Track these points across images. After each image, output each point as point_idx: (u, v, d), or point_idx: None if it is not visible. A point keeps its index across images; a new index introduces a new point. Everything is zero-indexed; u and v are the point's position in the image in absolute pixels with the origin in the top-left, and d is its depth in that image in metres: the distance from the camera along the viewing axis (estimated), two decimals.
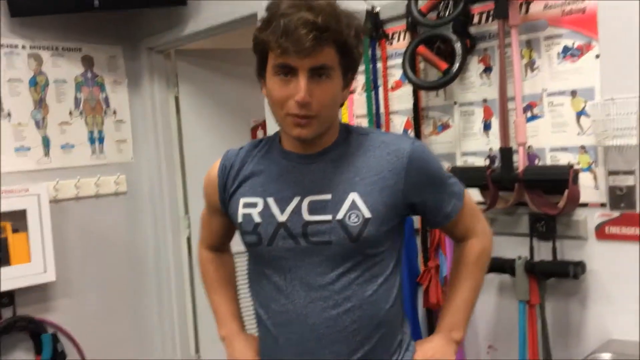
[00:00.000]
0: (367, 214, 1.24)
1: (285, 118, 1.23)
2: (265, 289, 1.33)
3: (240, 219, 1.33)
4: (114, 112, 3.24)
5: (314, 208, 1.26)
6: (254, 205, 1.31)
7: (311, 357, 1.27)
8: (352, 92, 2.30)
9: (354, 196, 1.25)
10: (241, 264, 1.53)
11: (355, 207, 1.24)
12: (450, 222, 1.37)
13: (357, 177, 1.26)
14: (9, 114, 2.86)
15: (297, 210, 1.27)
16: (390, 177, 1.26)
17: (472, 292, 1.40)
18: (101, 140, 3.18)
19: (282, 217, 1.27)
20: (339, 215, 1.24)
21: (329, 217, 1.25)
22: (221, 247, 1.56)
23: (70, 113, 3.07)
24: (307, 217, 1.26)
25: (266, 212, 1.29)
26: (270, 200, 1.29)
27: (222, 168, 1.39)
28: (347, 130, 1.34)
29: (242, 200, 1.33)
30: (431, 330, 2.18)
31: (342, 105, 1.33)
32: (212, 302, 1.55)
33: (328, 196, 1.26)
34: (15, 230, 2.77)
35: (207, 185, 1.44)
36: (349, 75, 1.27)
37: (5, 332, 2.76)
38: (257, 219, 1.29)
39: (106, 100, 3.21)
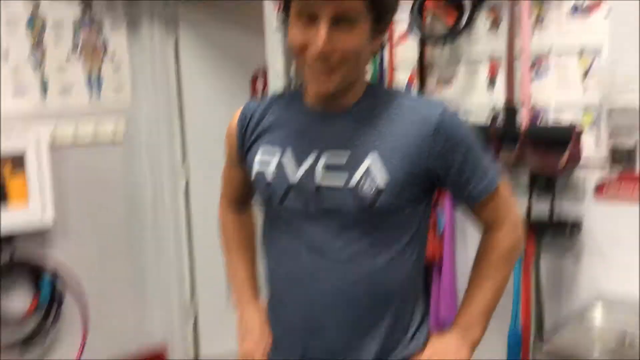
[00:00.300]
0: (382, 182, 1.15)
1: (306, 69, 1.15)
2: (274, 248, 1.30)
3: (254, 175, 1.29)
4: (113, 56, 3.19)
5: (327, 171, 1.20)
6: (267, 162, 1.26)
7: (315, 323, 1.24)
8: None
9: (370, 162, 1.16)
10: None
11: (370, 174, 1.16)
12: (477, 204, 1.24)
13: (378, 141, 1.17)
14: (6, 56, 2.82)
15: (311, 171, 1.21)
16: (414, 144, 1.16)
17: (496, 291, 1.26)
18: (99, 84, 3.14)
19: (294, 178, 1.22)
20: (352, 182, 1.16)
21: (341, 182, 1.18)
22: (242, 206, 1.50)
23: (68, 56, 3.02)
24: (319, 180, 1.20)
25: (280, 171, 1.24)
26: (285, 159, 1.24)
27: (242, 118, 1.33)
28: (375, 89, 1.24)
29: (258, 155, 1.28)
30: (426, 285, 2.22)
31: (374, 55, 1.22)
32: (229, 266, 1.50)
33: (344, 160, 1.19)
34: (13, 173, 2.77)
35: (228, 136, 1.38)
36: (381, 23, 1.16)
37: (4, 273, 2.79)
38: (270, 177, 1.25)
39: (104, 43, 3.15)
